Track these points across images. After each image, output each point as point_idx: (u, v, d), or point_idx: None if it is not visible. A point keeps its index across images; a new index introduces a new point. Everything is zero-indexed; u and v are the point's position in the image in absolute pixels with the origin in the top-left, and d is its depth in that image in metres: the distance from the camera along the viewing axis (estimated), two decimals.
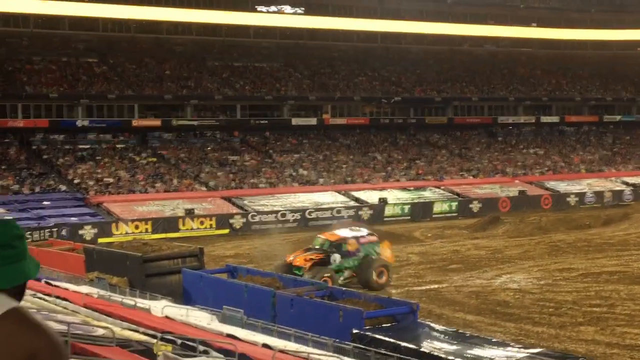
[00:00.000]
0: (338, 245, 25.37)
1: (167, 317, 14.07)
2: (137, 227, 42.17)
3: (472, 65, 74.85)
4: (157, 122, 56.64)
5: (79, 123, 53.68)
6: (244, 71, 64.62)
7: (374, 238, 26.51)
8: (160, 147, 56.26)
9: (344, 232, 26.55)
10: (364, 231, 26.97)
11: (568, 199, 55.02)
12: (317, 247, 25.74)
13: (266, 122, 60.91)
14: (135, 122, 55.55)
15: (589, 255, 30.02)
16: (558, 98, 72.09)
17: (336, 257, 24.87)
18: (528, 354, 12.60)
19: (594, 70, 79.17)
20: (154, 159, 54.01)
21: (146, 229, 42.18)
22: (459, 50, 76.85)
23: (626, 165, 65.64)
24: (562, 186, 58.06)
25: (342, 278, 24.70)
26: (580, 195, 55.60)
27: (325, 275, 23.53)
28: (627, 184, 59.76)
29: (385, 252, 26.11)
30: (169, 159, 54.48)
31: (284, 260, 25.32)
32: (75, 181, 48.57)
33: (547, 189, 57.38)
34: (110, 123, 55.03)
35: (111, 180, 49.24)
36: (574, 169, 63.62)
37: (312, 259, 24.71)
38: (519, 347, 13.32)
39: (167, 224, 43.30)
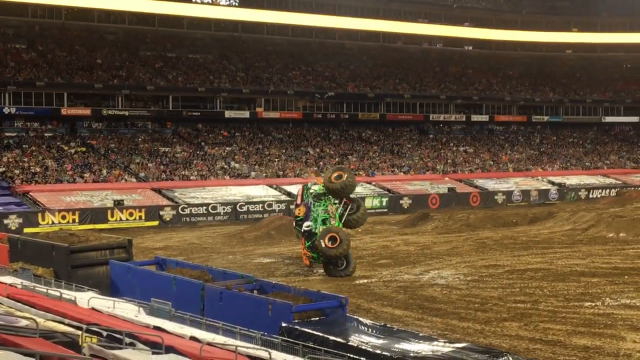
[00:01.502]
0: (299, 220, 27.72)
1: (93, 308, 13.85)
2: (64, 217, 41.48)
3: (405, 63, 75.57)
4: (87, 111, 55.72)
5: (6, 110, 52.44)
6: (177, 62, 64.04)
7: (300, 189, 28.90)
8: (90, 137, 55.38)
9: (294, 209, 29.70)
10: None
11: (496, 197, 56.01)
12: (300, 237, 27.71)
13: (199, 114, 60.48)
14: (65, 111, 54.54)
15: (514, 253, 30.54)
16: (488, 97, 73.24)
17: (308, 224, 26.84)
18: (453, 349, 12.75)
19: (524, 71, 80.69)
20: (83, 149, 53.13)
21: (73, 220, 41.56)
22: (392, 47, 77.53)
23: (552, 165, 67.09)
24: (490, 184, 59.05)
25: (337, 218, 26.93)
26: (508, 194, 56.64)
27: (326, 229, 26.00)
28: (552, 183, 61.09)
29: (318, 180, 28.84)
30: (98, 149, 53.66)
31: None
32: (1, 169, 47.46)
33: (475, 186, 58.29)
34: (38, 111, 53.89)
35: (38, 169, 48.28)
36: (502, 167, 64.76)
37: (304, 247, 26.76)
38: (445, 342, 13.47)
39: (95, 214, 42.68)
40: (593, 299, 20.75)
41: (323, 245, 25.42)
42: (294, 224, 28.52)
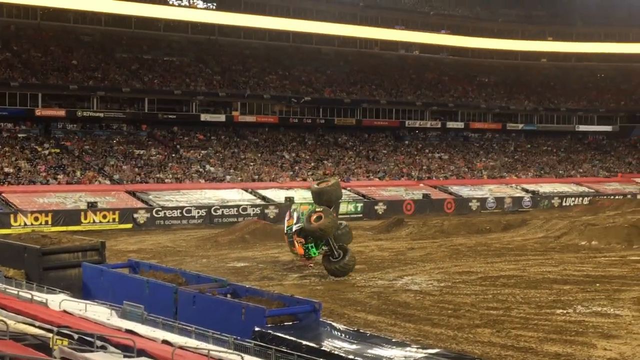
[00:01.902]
0: (289, 229, 27.98)
1: (64, 311, 13.74)
2: (36, 219, 41.12)
3: (382, 69, 75.76)
4: (61, 112, 55.33)
5: None
6: (153, 64, 63.79)
7: (288, 211, 29.38)
8: (64, 138, 55.00)
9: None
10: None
11: (470, 204, 56.27)
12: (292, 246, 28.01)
13: (174, 116, 60.28)
14: (39, 112, 54.13)
15: (488, 259, 30.68)
16: (464, 105, 73.62)
17: (299, 225, 27.11)
18: (426, 355, 12.79)
19: (499, 79, 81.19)
20: (57, 150, 52.76)
21: (46, 221, 41.20)
22: (369, 53, 77.68)
23: (526, 173, 67.52)
24: (464, 191, 59.32)
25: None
26: (482, 201, 56.93)
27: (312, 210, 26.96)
28: (526, 190, 61.46)
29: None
30: (72, 150, 53.30)
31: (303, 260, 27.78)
32: None
33: (450, 193, 58.52)
34: (12, 111, 53.40)
35: (11, 170, 47.85)
36: (476, 174, 65.07)
37: (297, 238, 27.08)
38: (418, 348, 13.51)
39: (68, 216, 42.35)
40: (565, 306, 20.90)
41: (307, 223, 26.16)
42: (285, 231, 28.60)
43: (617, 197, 61.01)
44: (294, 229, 27.27)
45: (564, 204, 60.03)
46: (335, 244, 26.49)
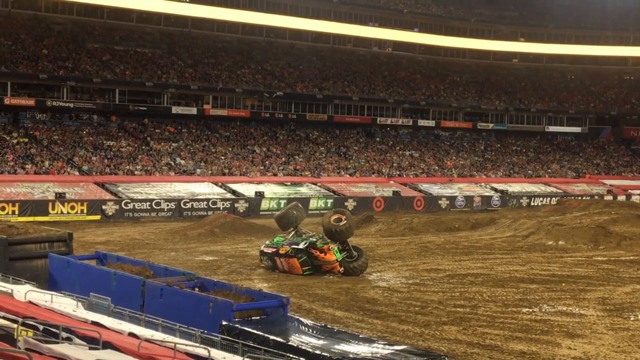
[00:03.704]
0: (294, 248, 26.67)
1: (30, 302, 13.60)
2: (3, 208, 40.76)
3: (355, 65, 75.85)
4: (30, 102, 54.81)
5: None
6: (124, 55, 63.33)
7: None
8: (33, 128, 54.46)
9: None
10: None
11: (439, 202, 56.56)
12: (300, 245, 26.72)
13: (145, 108, 59.93)
14: (8, 100, 53.57)
15: (456, 257, 30.82)
16: (435, 103, 73.91)
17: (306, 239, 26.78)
18: (392, 351, 12.80)
19: (471, 78, 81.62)
20: (26, 139, 52.25)
21: (13, 211, 40.84)
22: (342, 49, 77.77)
23: (496, 172, 67.96)
24: (434, 189, 59.60)
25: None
26: (451, 199, 57.26)
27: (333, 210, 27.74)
28: (495, 190, 61.90)
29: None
30: (41, 140, 52.81)
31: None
32: None
33: (420, 190, 58.77)
34: None
35: None
36: (446, 172, 65.37)
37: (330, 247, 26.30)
38: (384, 344, 13.52)
39: (35, 207, 41.98)
40: (531, 305, 21.05)
41: (328, 222, 26.20)
42: (288, 252, 26.51)
43: (584, 198, 61.63)
44: (301, 245, 26.21)
45: (532, 203, 60.56)
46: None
